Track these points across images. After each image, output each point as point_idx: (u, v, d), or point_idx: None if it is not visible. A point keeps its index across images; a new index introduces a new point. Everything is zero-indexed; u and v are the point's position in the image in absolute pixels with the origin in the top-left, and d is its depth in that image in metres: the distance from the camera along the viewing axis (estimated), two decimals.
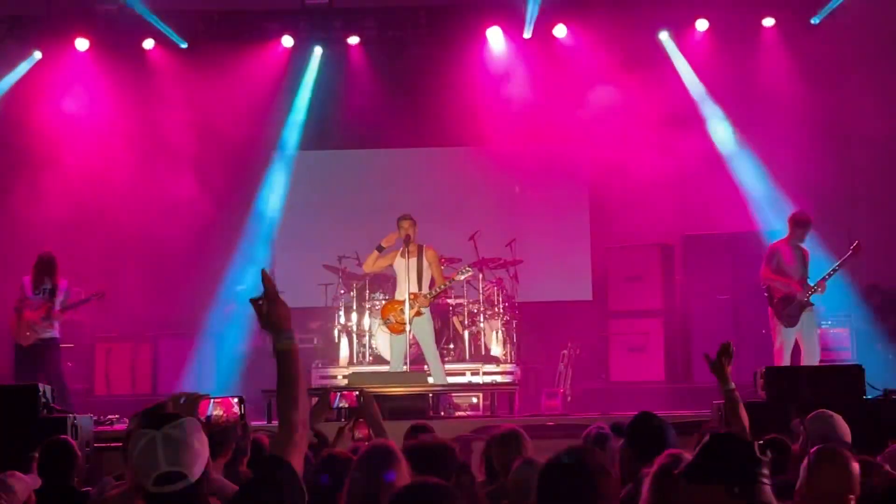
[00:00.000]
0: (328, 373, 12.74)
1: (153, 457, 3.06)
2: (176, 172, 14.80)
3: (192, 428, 3.15)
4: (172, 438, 3.08)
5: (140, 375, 13.91)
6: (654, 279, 13.76)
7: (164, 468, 3.05)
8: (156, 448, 3.06)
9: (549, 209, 15.40)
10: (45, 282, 11.22)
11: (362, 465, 4.06)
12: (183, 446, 3.08)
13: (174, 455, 3.06)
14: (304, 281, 14.42)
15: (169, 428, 3.10)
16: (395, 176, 15.60)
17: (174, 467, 3.06)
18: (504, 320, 12.96)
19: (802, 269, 10.90)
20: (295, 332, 3.32)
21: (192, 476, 3.08)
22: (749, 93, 14.65)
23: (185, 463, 3.07)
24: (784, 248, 10.97)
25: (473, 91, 14.76)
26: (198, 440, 3.13)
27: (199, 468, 3.11)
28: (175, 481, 3.06)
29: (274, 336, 3.30)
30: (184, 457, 3.08)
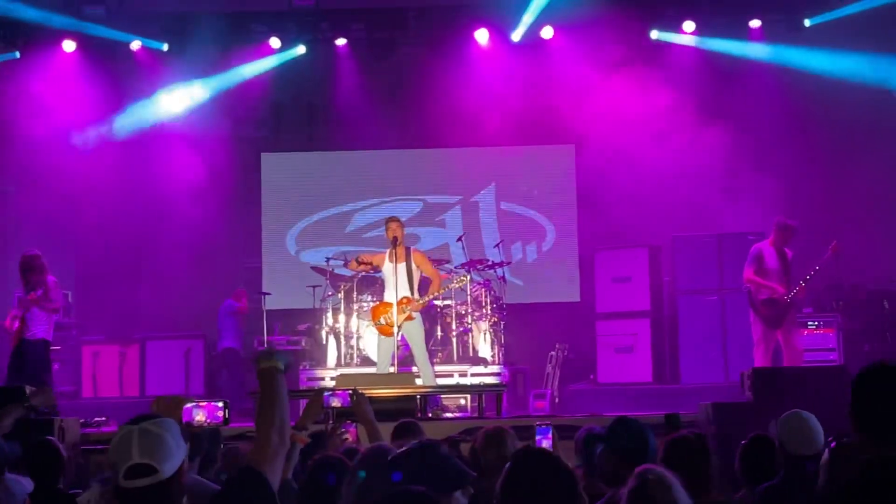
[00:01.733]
0: (316, 374, 12.72)
1: (127, 449, 3.08)
2: (163, 174, 14.80)
3: (170, 426, 3.17)
4: (148, 433, 3.10)
5: (128, 378, 13.88)
6: (641, 280, 13.76)
7: (135, 459, 3.06)
8: (131, 441, 3.09)
9: (535, 210, 15.43)
10: (33, 282, 11.12)
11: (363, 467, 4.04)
12: (158, 441, 3.10)
13: (148, 448, 3.08)
14: (291, 282, 14.43)
15: (147, 424, 3.13)
16: (381, 177, 15.61)
17: (146, 459, 3.07)
18: (492, 322, 12.96)
19: (785, 272, 10.96)
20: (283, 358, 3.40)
21: (163, 472, 3.08)
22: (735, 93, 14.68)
23: (158, 458, 3.08)
24: (767, 251, 11.04)
25: (461, 92, 14.77)
26: (173, 439, 3.14)
27: (171, 466, 3.11)
28: (146, 475, 3.06)
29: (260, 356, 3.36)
30: (157, 451, 3.08)
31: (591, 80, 14.46)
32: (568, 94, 14.62)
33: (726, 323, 13.24)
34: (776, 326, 10.86)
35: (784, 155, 14.51)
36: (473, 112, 14.74)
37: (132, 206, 14.95)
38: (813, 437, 5.08)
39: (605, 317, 13.87)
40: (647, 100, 14.41)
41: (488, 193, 15.59)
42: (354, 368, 12.47)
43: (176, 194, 14.72)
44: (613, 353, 13.66)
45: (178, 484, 3.14)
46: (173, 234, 14.68)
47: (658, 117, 14.33)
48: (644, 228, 14.31)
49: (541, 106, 14.78)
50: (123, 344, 13.98)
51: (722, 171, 14.36)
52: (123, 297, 12.61)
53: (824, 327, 12.88)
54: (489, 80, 14.82)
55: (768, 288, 10.87)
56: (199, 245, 14.86)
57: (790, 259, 11.05)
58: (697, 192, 14.38)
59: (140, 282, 14.56)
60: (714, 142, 14.32)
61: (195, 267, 14.83)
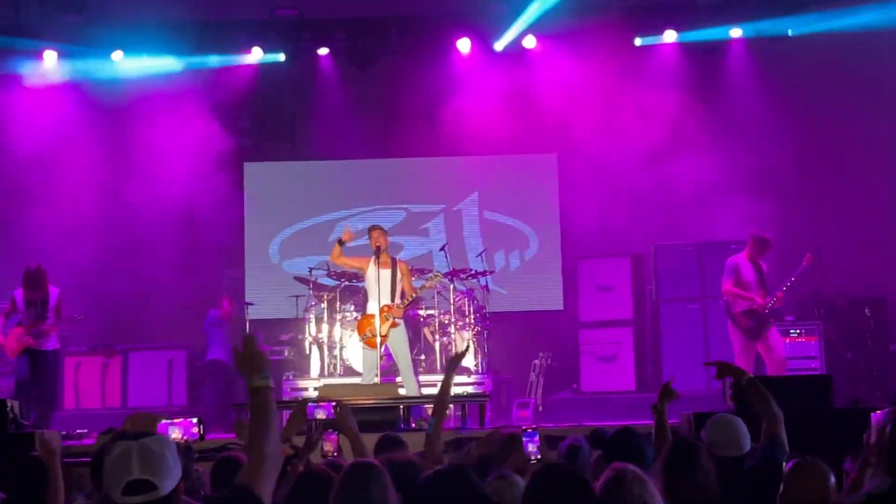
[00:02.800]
0: (299, 385, 12.70)
1: (127, 465, 3.05)
2: (145, 185, 14.76)
3: (168, 443, 3.15)
4: (148, 449, 3.07)
5: (110, 389, 13.82)
6: (624, 289, 13.79)
7: (136, 475, 3.03)
8: (130, 457, 3.05)
9: (519, 219, 15.45)
10: (37, 294, 11.09)
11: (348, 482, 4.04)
12: (158, 458, 3.07)
13: (148, 464, 3.05)
14: (274, 292, 14.41)
15: (147, 440, 3.10)
16: (364, 186, 15.61)
17: (146, 475, 3.04)
18: (475, 331, 12.96)
19: (761, 284, 11.07)
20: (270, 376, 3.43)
21: (162, 489, 3.05)
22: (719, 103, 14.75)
23: (159, 474, 3.05)
24: (743, 264, 11.16)
25: (443, 102, 14.82)
26: (172, 456, 3.12)
27: (170, 483, 3.08)
28: (145, 491, 3.03)
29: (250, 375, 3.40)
30: (158, 468, 3.06)
31: (573, 90, 14.49)
32: (550, 103, 14.65)
33: (708, 331, 13.27)
34: (755, 337, 10.96)
35: (766, 164, 14.56)
36: (456, 121, 14.78)
37: (114, 216, 14.89)
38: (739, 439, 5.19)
39: (587, 325, 13.89)
40: (630, 109, 14.47)
41: (471, 202, 15.60)
42: (338, 378, 12.46)
43: (158, 204, 14.68)
44: (596, 362, 13.68)
45: (175, 502, 3.13)
46: (156, 245, 14.64)
47: (640, 126, 14.38)
48: (626, 237, 14.36)
49: (523, 115, 14.81)
50: (106, 355, 13.92)
51: (704, 180, 14.39)
52: (106, 307, 12.56)
53: (806, 335, 12.91)
54: (472, 90, 14.86)
55: (747, 299, 10.97)
56: (182, 255, 14.82)
57: (765, 271, 11.18)
58: (680, 200, 14.44)
59: (122, 292, 14.49)
60: (697, 151, 14.38)
61: (178, 277, 14.78)
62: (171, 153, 14.69)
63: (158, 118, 14.65)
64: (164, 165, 14.69)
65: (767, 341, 10.96)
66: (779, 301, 11.04)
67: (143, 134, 14.75)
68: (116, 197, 14.91)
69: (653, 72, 14.72)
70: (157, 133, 14.68)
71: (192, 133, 14.71)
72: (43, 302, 11.08)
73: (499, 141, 15.08)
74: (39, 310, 11.06)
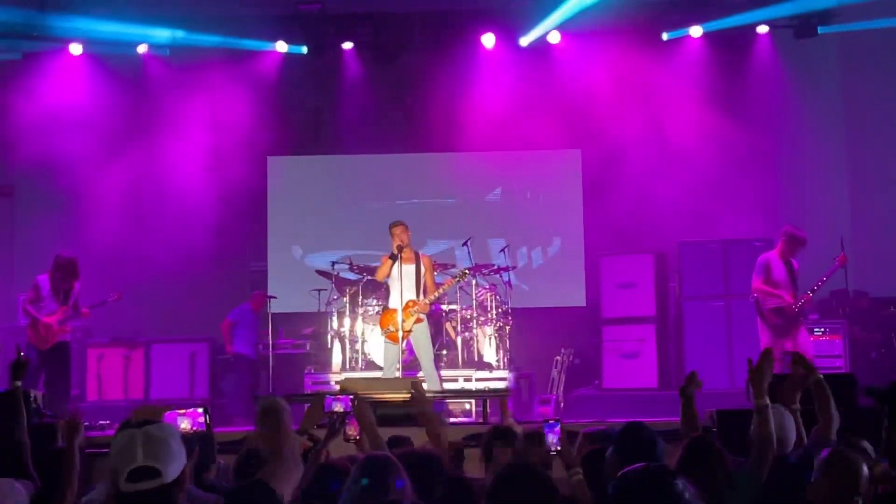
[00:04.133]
0: (321, 378, 12.71)
1: (131, 451, 3.05)
2: (169, 178, 14.80)
3: (172, 431, 3.16)
4: (153, 436, 3.08)
5: (132, 381, 13.85)
6: (647, 286, 13.73)
7: (140, 462, 3.03)
8: (135, 444, 3.05)
9: (542, 215, 15.41)
10: (63, 284, 11.10)
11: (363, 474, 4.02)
12: (162, 444, 3.07)
13: (152, 451, 3.05)
14: (296, 286, 14.42)
15: (151, 427, 3.10)
16: (387, 181, 15.60)
17: (150, 462, 3.04)
18: (497, 326, 12.94)
19: (792, 282, 10.96)
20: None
21: (167, 476, 3.05)
22: (744, 99, 14.68)
23: (163, 461, 3.06)
24: (774, 261, 11.03)
25: (467, 97, 14.79)
26: (177, 443, 3.12)
27: (174, 470, 3.08)
28: (150, 477, 3.03)
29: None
30: (162, 454, 3.06)
31: (597, 85, 14.44)
32: (574, 99, 14.61)
33: (732, 329, 13.20)
34: (784, 335, 10.86)
35: (794, 160, 14.49)
36: (480, 117, 14.75)
37: (137, 208, 14.95)
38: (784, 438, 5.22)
39: (610, 322, 13.83)
40: (654, 105, 14.42)
41: (494, 198, 15.57)
42: (359, 372, 12.46)
43: (183, 197, 14.73)
44: (619, 359, 13.62)
45: (180, 489, 3.11)
46: (179, 237, 14.68)
47: (665, 122, 14.33)
48: (650, 234, 14.31)
49: (547, 110, 14.76)
50: (128, 347, 13.96)
51: (729, 176, 14.35)
52: (128, 299, 12.60)
53: (830, 334, 12.84)
54: (495, 85, 14.82)
55: (776, 297, 10.85)
56: (205, 248, 14.85)
57: (796, 269, 11.05)
58: (704, 197, 14.37)
59: (145, 284, 14.54)
60: (722, 147, 14.33)
61: (201, 270, 14.83)
62: (196, 146, 14.74)
63: (184, 112, 14.71)
64: (188, 158, 14.74)
65: (796, 340, 10.87)
66: (809, 301, 10.95)
67: (169, 128, 14.81)
68: (140, 189, 14.96)
69: (679, 67, 14.66)
70: (183, 127, 14.74)
71: (218, 127, 14.77)
72: (66, 293, 11.10)
73: (522, 136, 15.04)
74: (62, 300, 11.07)
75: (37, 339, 10.98)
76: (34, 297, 11.07)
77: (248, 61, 14.96)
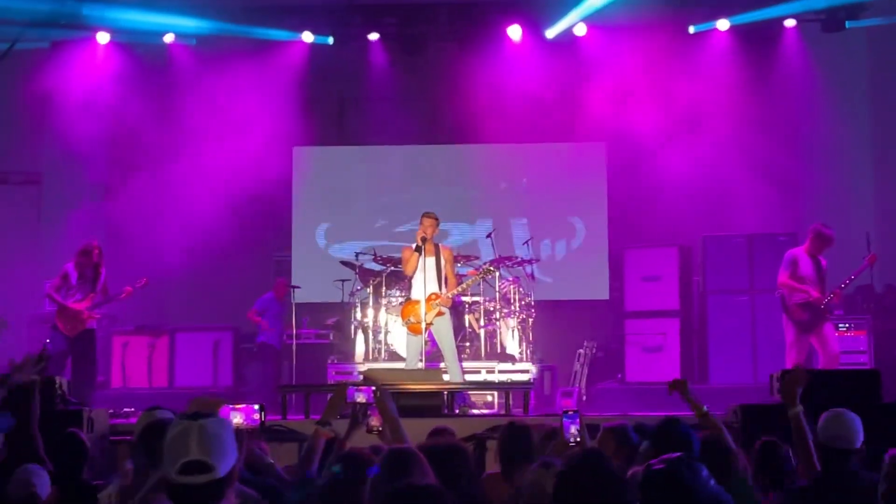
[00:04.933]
0: (344, 368, 12.75)
1: (185, 444, 3.05)
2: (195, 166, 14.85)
3: (227, 426, 3.16)
4: (207, 430, 3.07)
5: (157, 369, 13.93)
6: (671, 279, 13.71)
7: (194, 455, 3.04)
8: (189, 437, 3.06)
9: (566, 207, 15.39)
10: (92, 271, 11.15)
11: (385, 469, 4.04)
12: (216, 440, 3.07)
13: (206, 446, 3.05)
14: (320, 276, 14.45)
15: (206, 420, 3.10)
16: (412, 172, 15.62)
17: (203, 457, 3.04)
18: (520, 319, 12.94)
19: (819, 279, 10.87)
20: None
21: (219, 470, 3.06)
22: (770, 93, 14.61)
23: (215, 456, 3.06)
24: (802, 257, 10.93)
25: (492, 88, 14.75)
26: (230, 438, 3.13)
27: (226, 465, 3.09)
28: (202, 472, 3.04)
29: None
30: (215, 449, 3.06)
31: (623, 78, 14.40)
32: (600, 92, 14.56)
33: (756, 324, 13.17)
34: (809, 331, 10.78)
35: (821, 155, 14.42)
36: (505, 108, 14.72)
37: (163, 197, 15.02)
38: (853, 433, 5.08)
39: (633, 315, 13.82)
40: (680, 98, 14.35)
41: (518, 189, 15.56)
42: (382, 363, 12.49)
43: (208, 186, 14.77)
44: (642, 352, 13.61)
45: (230, 484, 3.13)
46: (204, 226, 14.72)
47: (690, 115, 14.28)
48: (674, 227, 14.26)
49: (572, 103, 14.73)
50: (153, 335, 14.04)
51: (755, 171, 14.28)
52: (154, 287, 12.65)
53: (855, 329, 12.78)
54: (521, 77, 14.79)
55: (803, 292, 10.75)
56: (230, 238, 14.90)
57: (825, 267, 10.94)
58: (729, 191, 14.32)
59: (170, 273, 14.60)
60: (747, 142, 14.27)
61: (225, 259, 14.89)
62: (222, 135, 14.77)
63: (210, 102, 14.74)
64: (214, 148, 14.77)
65: (822, 335, 10.79)
66: (836, 298, 10.85)
67: (194, 118, 14.84)
68: (166, 178, 15.02)
69: (705, 60, 14.59)
70: (209, 117, 14.76)
71: (244, 116, 14.78)
72: (94, 280, 11.16)
73: (547, 129, 15.02)
74: (91, 287, 11.13)
75: (65, 326, 11.03)
76: (61, 284, 11.10)
77: (274, 51, 14.98)
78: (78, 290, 11.08)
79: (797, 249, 11.10)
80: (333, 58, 15.30)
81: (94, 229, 13.52)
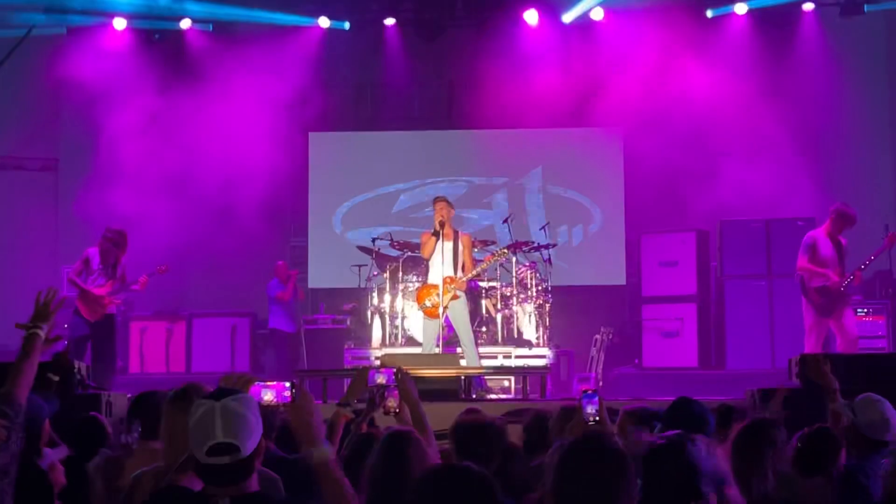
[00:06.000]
0: (361, 354, 12.76)
1: (210, 426, 3.08)
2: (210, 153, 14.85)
3: (250, 403, 3.17)
4: (230, 410, 3.09)
5: (174, 354, 13.98)
6: (688, 265, 13.67)
7: (219, 438, 3.07)
8: (214, 418, 3.08)
9: (583, 193, 15.37)
10: (114, 258, 11.13)
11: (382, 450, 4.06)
12: (240, 419, 3.10)
13: (230, 427, 3.07)
14: (337, 262, 14.46)
15: (228, 400, 3.12)
16: (428, 158, 15.61)
17: (229, 438, 3.07)
18: (537, 304, 12.93)
19: (839, 261, 10.74)
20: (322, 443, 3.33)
21: (244, 450, 3.09)
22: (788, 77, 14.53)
23: (241, 436, 3.09)
24: (822, 239, 10.80)
25: (509, 74, 14.71)
26: (254, 416, 3.14)
27: (252, 443, 3.12)
28: (228, 453, 3.07)
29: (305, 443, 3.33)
30: (239, 430, 3.09)
31: (641, 63, 14.33)
32: (617, 77, 14.50)
33: (774, 309, 13.12)
34: (828, 315, 10.67)
35: (838, 138, 14.35)
36: (521, 94, 14.66)
37: (180, 183, 15.01)
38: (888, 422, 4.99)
39: (651, 301, 13.80)
40: (697, 83, 14.27)
41: (535, 176, 15.54)
42: (399, 348, 12.49)
43: (225, 172, 14.77)
44: (659, 338, 13.59)
45: (257, 460, 3.17)
46: (220, 212, 14.74)
47: (708, 100, 14.19)
48: (692, 212, 14.20)
49: (589, 88, 14.67)
50: (170, 320, 14.09)
51: (773, 155, 14.21)
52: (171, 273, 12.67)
53: (874, 314, 12.75)
54: (538, 62, 14.74)
55: (822, 276, 10.63)
56: (246, 223, 14.89)
57: (845, 247, 10.81)
58: (747, 176, 14.24)
59: (188, 259, 14.63)
60: (765, 126, 14.20)
61: (242, 245, 14.89)
62: (238, 121, 14.76)
63: (226, 87, 14.73)
64: (230, 133, 14.77)
65: (841, 319, 10.68)
66: (856, 279, 10.70)
67: (211, 103, 14.82)
68: (183, 163, 15.01)
69: (723, 44, 14.53)
70: (225, 102, 14.76)
71: (260, 102, 14.77)
72: (115, 266, 11.15)
73: (564, 114, 14.97)
74: (111, 273, 11.12)
75: (87, 311, 11.04)
76: (82, 269, 11.09)
77: (290, 37, 14.98)
78: (100, 274, 11.07)
79: (816, 231, 10.99)
80: (350, 43, 15.30)
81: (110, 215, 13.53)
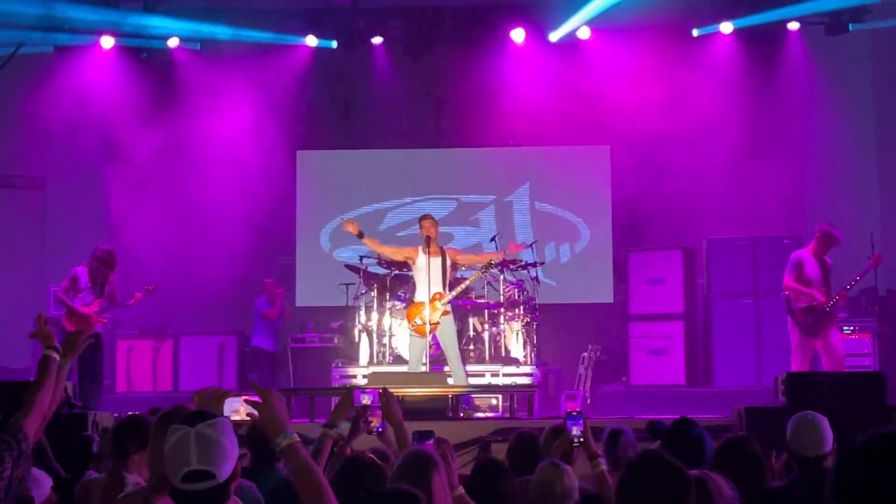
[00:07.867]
0: (348, 372, 12.74)
1: (185, 453, 3.06)
2: (197, 172, 14.87)
3: (224, 428, 3.15)
4: (205, 437, 3.08)
5: (161, 372, 13.95)
6: (675, 282, 13.71)
7: (194, 466, 3.06)
8: (188, 445, 3.07)
9: (570, 211, 15.40)
10: (101, 276, 11.08)
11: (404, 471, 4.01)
12: (215, 445, 3.08)
13: (205, 454, 3.06)
14: (325, 280, 14.46)
15: (203, 426, 3.10)
16: (416, 176, 15.63)
17: (204, 466, 3.06)
18: (524, 322, 12.93)
19: (825, 280, 10.77)
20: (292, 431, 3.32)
21: (220, 476, 3.08)
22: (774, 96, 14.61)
23: (216, 462, 3.08)
24: (808, 258, 10.83)
25: (496, 92, 14.78)
26: (229, 441, 3.13)
27: (227, 468, 3.11)
28: (203, 479, 3.06)
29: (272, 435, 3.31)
30: (214, 456, 3.08)
31: (627, 81, 14.39)
32: (604, 95, 14.56)
33: (760, 326, 13.16)
34: (814, 335, 10.68)
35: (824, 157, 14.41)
36: (509, 112, 14.73)
37: (167, 201, 15.02)
38: (822, 438, 4.95)
39: (638, 318, 13.81)
40: (684, 101, 14.35)
41: (522, 193, 15.57)
42: (387, 367, 12.47)
43: (212, 191, 14.78)
44: (646, 355, 13.61)
45: (235, 482, 3.16)
46: (207, 231, 14.74)
47: (694, 119, 14.27)
48: (679, 230, 14.25)
49: (576, 106, 14.73)
50: (157, 339, 14.06)
51: (759, 174, 14.27)
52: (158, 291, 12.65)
53: (860, 332, 12.77)
54: (525, 80, 14.80)
55: (808, 296, 10.65)
56: (234, 242, 14.90)
57: (830, 267, 10.84)
58: (733, 194, 14.31)
59: (175, 276, 14.60)
60: (752, 144, 14.27)
61: (229, 263, 14.88)
62: (225, 140, 14.79)
63: (214, 106, 14.75)
64: (217, 152, 14.79)
65: (827, 339, 10.69)
66: (841, 299, 10.73)
67: (198, 122, 14.85)
68: (170, 183, 15.03)
69: (709, 63, 14.59)
70: (213, 121, 14.78)
71: (247, 120, 14.80)
72: (103, 285, 11.11)
73: (551, 132, 15.03)
74: (99, 292, 11.09)
75: (74, 329, 10.99)
76: (69, 287, 11.05)
77: (278, 55, 15.00)
78: (88, 293, 11.04)
79: (802, 251, 11.02)
80: (338, 61, 15.33)
81: (98, 233, 13.53)
